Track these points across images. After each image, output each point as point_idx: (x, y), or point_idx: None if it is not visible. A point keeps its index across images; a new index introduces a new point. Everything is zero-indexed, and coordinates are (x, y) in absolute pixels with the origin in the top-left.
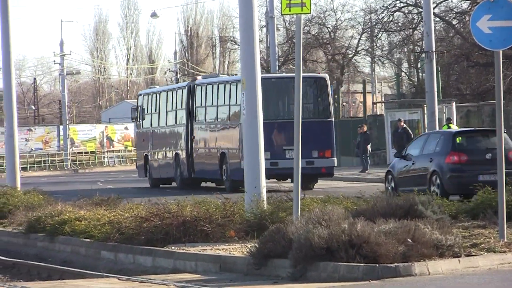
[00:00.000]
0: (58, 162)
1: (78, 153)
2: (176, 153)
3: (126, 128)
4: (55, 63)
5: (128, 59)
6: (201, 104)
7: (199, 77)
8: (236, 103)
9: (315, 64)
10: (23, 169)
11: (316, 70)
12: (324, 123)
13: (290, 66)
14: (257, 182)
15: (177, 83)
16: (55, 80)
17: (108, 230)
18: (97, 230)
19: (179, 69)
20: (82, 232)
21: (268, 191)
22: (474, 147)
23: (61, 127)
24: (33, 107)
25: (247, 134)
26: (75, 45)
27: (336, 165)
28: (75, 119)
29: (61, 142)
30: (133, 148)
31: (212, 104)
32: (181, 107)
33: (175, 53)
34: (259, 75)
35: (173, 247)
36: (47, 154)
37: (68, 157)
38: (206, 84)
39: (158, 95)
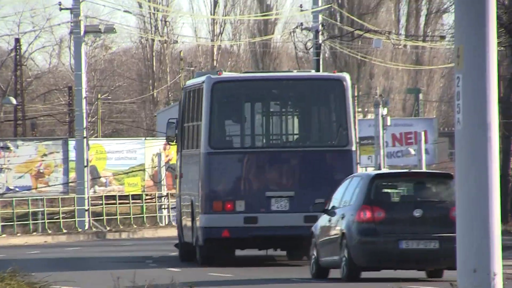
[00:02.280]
0: (64, 218)
1: (108, 198)
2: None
3: None
4: (61, 10)
5: (216, 3)
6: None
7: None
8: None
9: None
10: None
11: None
12: (338, 154)
13: None
14: (481, 259)
15: (317, 55)
16: (60, 44)
17: None
18: None
19: (323, 25)
20: None
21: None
22: (399, 199)
23: (71, 142)
24: (13, 100)
25: (463, 156)
26: None
27: None
28: (101, 127)
29: (71, 174)
30: None
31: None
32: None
33: None
34: (493, 41)
35: None
36: (41, 199)
37: (86, 207)
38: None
39: None
